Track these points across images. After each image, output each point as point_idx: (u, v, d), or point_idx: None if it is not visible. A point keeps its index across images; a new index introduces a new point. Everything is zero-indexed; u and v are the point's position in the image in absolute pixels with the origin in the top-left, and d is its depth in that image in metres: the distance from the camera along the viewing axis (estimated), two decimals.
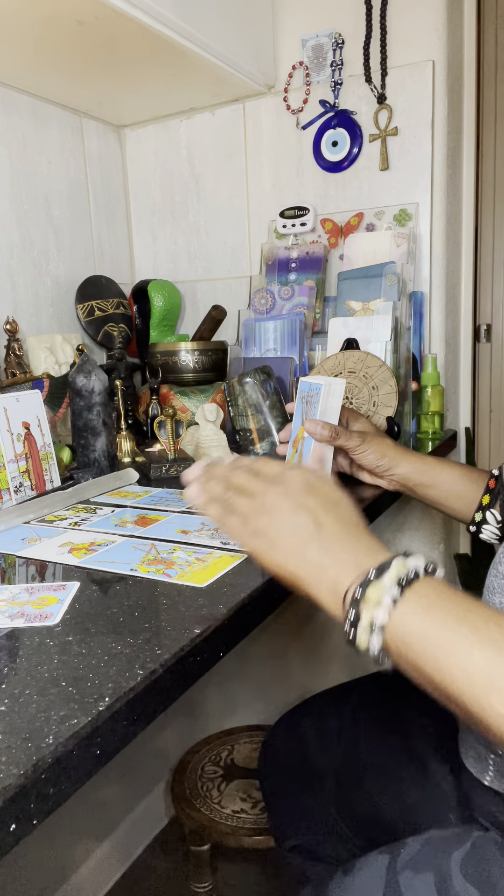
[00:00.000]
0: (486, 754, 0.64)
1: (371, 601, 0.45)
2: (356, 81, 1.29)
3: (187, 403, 1.27)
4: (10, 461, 0.87)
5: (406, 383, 1.18)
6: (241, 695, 1.68)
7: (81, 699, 0.42)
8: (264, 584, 0.60)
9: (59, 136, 1.36)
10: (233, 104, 1.42)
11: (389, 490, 0.90)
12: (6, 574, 0.66)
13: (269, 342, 1.27)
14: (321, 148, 1.34)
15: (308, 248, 1.35)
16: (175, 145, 1.50)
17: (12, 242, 1.26)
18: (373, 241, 1.27)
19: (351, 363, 1.07)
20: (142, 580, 0.61)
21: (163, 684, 0.45)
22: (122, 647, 0.48)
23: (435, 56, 1.22)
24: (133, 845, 1.51)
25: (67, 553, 0.69)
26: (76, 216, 1.41)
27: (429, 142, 1.25)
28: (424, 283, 1.31)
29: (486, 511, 0.82)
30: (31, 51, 1.10)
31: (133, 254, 1.60)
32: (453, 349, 1.43)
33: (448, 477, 0.85)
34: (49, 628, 0.52)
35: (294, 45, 1.33)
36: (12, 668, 0.46)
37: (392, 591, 0.45)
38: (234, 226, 1.47)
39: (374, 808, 0.80)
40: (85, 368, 1.07)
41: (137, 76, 1.24)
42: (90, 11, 0.98)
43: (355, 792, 0.83)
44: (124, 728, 0.42)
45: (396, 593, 0.45)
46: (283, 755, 0.93)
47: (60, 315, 1.37)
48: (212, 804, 1.29)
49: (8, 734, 0.38)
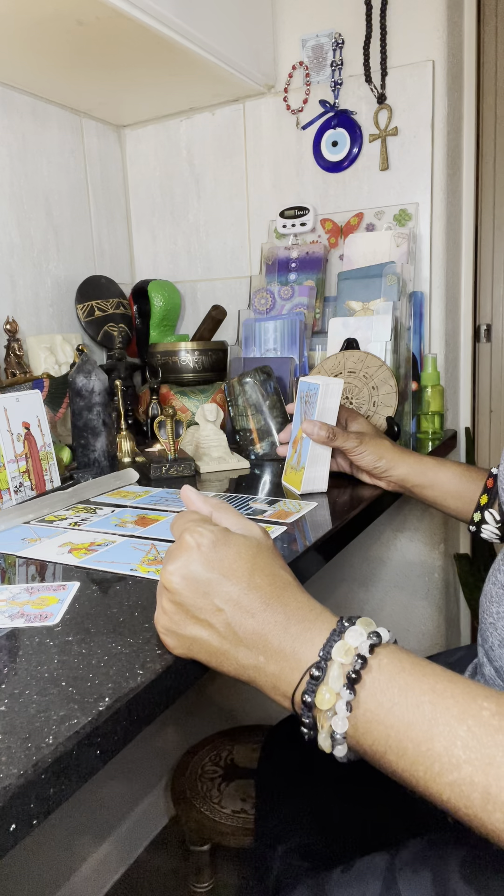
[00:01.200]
0: None
1: (324, 709, 0.40)
2: (356, 81, 1.29)
3: (187, 403, 1.27)
4: (10, 461, 0.87)
5: (406, 383, 1.18)
6: (241, 695, 1.68)
7: (81, 699, 0.42)
8: None
9: (59, 136, 1.36)
10: (233, 104, 1.42)
11: (388, 490, 0.90)
12: (6, 574, 0.66)
13: (269, 342, 1.27)
14: (321, 148, 1.34)
15: (308, 248, 1.35)
16: (175, 145, 1.50)
17: (12, 242, 1.26)
18: (373, 241, 1.27)
19: (351, 363, 1.07)
20: (142, 580, 0.61)
21: (163, 684, 0.45)
22: (122, 647, 0.48)
23: (435, 56, 1.22)
24: (133, 845, 1.51)
25: (67, 553, 0.69)
26: (76, 216, 1.41)
27: (429, 142, 1.25)
28: (424, 283, 1.31)
29: (484, 511, 0.82)
30: (32, 51, 1.10)
31: (133, 254, 1.60)
32: (453, 349, 1.43)
33: (446, 477, 0.85)
34: (49, 628, 0.52)
35: (294, 45, 1.33)
36: (12, 668, 0.46)
37: (345, 695, 0.39)
38: (234, 226, 1.47)
39: (374, 809, 0.80)
40: (85, 368, 1.07)
41: (137, 76, 1.24)
42: (90, 11, 0.98)
43: (353, 793, 0.83)
44: (124, 728, 0.42)
45: (349, 696, 0.39)
46: (284, 756, 0.93)
47: (60, 315, 1.37)
48: (212, 804, 1.29)
49: (8, 734, 0.38)
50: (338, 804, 0.84)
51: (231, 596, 0.44)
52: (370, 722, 0.39)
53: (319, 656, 0.40)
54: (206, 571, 0.44)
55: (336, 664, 0.40)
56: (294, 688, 0.42)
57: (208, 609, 0.44)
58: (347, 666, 0.40)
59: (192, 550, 0.45)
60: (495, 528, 0.81)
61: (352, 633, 0.41)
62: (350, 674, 0.39)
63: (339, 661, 0.40)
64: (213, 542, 0.46)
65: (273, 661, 0.43)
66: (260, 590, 0.44)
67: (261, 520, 0.78)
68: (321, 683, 0.40)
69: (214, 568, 0.45)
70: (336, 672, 0.40)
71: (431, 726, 0.37)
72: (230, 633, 0.43)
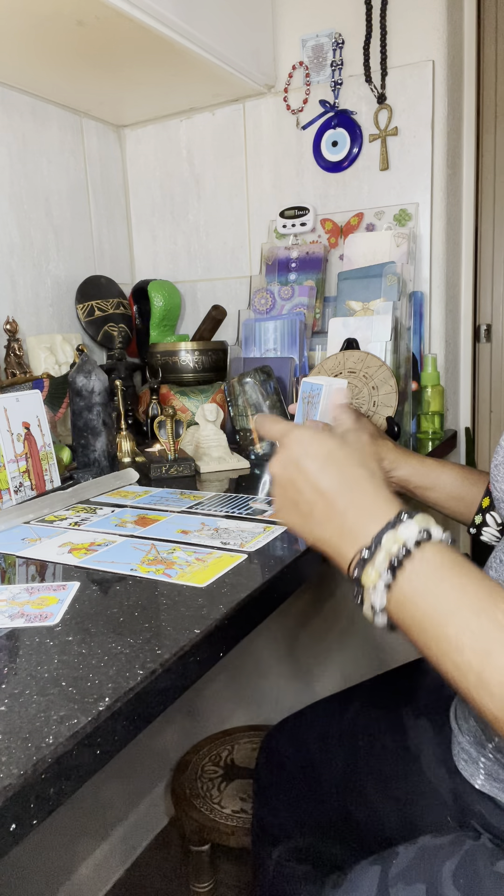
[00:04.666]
0: (478, 757, 0.64)
1: (369, 583, 0.47)
2: (356, 81, 1.29)
3: (187, 403, 1.27)
4: (10, 461, 0.87)
5: (406, 383, 1.18)
6: (241, 695, 1.68)
7: (81, 699, 0.42)
8: (264, 584, 0.60)
9: (59, 136, 1.36)
10: (233, 104, 1.42)
11: None
12: (6, 574, 0.66)
13: (269, 342, 1.27)
14: (321, 148, 1.34)
15: (308, 248, 1.35)
16: (175, 145, 1.50)
17: (12, 242, 1.26)
18: (373, 241, 1.27)
19: (351, 363, 1.07)
20: (142, 580, 0.61)
21: (163, 684, 0.45)
22: (122, 647, 0.48)
23: (435, 56, 1.22)
24: (133, 845, 1.51)
25: (67, 553, 0.69)
26: (76, 216, 1.41)
27: (429, 142, 1.25)
28: (424, 283, 1.31)
29: (485, 513, 0.81)
30: (32, 51, 1.10)
31: (133, 254, 1.60)
32: (453, 349, 1.43)
33: (448, 479, 0.85)
34: (49, 628, 0.52)
35: (294, 45, 1.33)
36: (12, 668, 0.46)
37: (385, 577, 0.46)
38: (234, 226, 1.47)
39: (370, 810, 0.80)
40: (85, 368, 1.07)
41: (137, 76, 1.24)
42: (90, 11, 0.98)
43: (352, 795, 0.83)
44: (124, 728, 0.42)
45: (389, 578, 0.46)
46: (282, 757, 0.93)
47: (60, 315, 1.37)
48: (212, 804, 1.29)
49: (8, 734, 0.38)
50: (335, 806, 0.84)
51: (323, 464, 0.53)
52: (404, 602, 0.46)
53: (372, 541, 0.47)
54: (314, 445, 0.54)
55: (384, 550, 0.46)
56: (349, 562, 0.49)
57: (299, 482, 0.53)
58: (393, 554, 0.46)
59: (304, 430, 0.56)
60: (496, 530, 0.81)
61: (405, 526, 0.47)
62: (393, 560, 0.46)
63: (387, 548, 0.46)
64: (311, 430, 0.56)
65: (335, 537, 0.51)
66: (344, 467, 0.53)
67: (261, 520, 0.78)
68: (368, 563, 0.47)
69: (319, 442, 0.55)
70: (382, 557, 0.46)
71: (451, 614, 0.43)
72: (309, 506, 0.53)
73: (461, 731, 0.68)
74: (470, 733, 0.66)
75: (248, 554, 0.67)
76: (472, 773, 0.65)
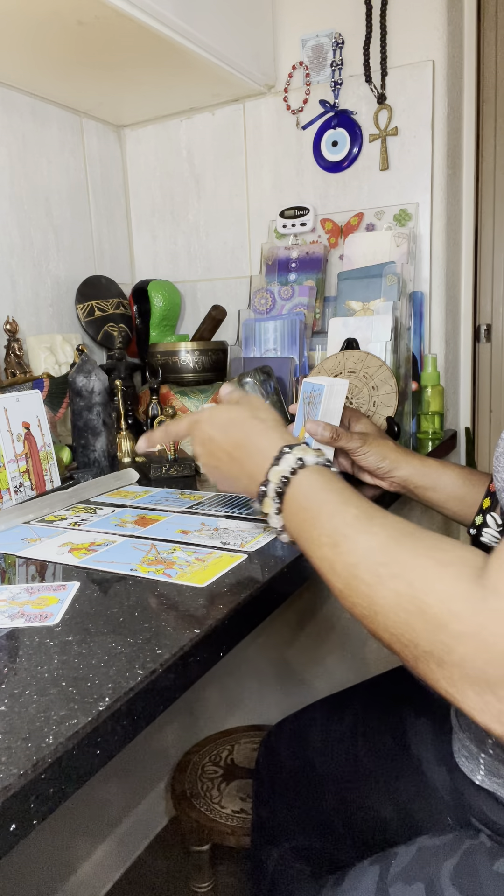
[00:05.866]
0: (478, 753, 0.64)
1: (268, 510, 0.60)
2: (356, 81, 1.29)
3: (187, 403, 1.27)
4: (10, 461, 0.87)
5: (406, 383, 1.18)
6: (241, 695, 1.68)
7: (81, 699, 0.42)
8: (264, 584, 0.60)
9: (59, 136, 1.36)
10: (233, 104, 1.42)
11: (390, 491, 0.90)
12: (6, 574, 0.66)
13: (269, 342, 1.27)
14: (321, 148, 1.34)
15: (308, 248, 1.35)
16: (175, 145, 1.50)
17: (12, 242, 1.26)
18: (373, 241, 1.27)
19: (351, 363, 1.07)
20: (142, 580, 0.61)
21: (163, 684, 0.45)
22: (122, 647, 0.48)
23: (435, 56, 1.22)
24: (133, 845, 1.51)
25: (67, 553, 0.69)
26: (76, 216, 1.41)
27: (429, 142, 1.25)
28: (424, 283, 1.31)
29: (486, 514, 0.81)
30: (31, 51, 1.10)
31: (133, 254, 1.60)
32: (453, 349, 1.43)
33: (449, 480, 0.85)
34: (49, 628, 0.52)
35: (294, 45, 1.33)
36: (12, 668, 0.46)
37: (275, 504, 0.59)
38: (234, 226, 1.47)
39: (369, 810, 0.80)
40: (85, 368, 1.07)
41: (137, 76, 1.24)
42: (90, 11, 0.98)
43: (352, 795, 0.83)
44: (124, 728, 0.42)
45: (277, 504, 0.59)
46: (282, 757, 0.93)
47: (60, 315, 1.37)
48: (212, 804, 1.29)
49: (8, 734, 0.38)
50: (334, 806, 0.84)
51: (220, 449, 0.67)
52: (289, 519, 0.59)
53: (266, 477, 0.60)
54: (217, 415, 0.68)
55: (272, 483, 0.59)
56: (255, 497, 0.63)
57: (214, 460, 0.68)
58: (276, 484, 0.59)
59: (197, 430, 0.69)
60: (496, 531, 0.81)
61: (283, 460, 0.59)
62: (278, 488, 0.59)
63: (274, 480, 0.59)
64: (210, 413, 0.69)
65: (249, 483, 0.64)
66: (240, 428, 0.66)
67: (261, 520, 0.78)
68: (265, 497, 0.60)
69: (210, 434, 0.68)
70: (271, 488, 0.59)
71: (315, 520, 0.55)
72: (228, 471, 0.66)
73: (461, 727, 0.68)
74: (470, 730, 0.66)
75: (248, 554, 0.67)
76: (473, 770, 0.65)
